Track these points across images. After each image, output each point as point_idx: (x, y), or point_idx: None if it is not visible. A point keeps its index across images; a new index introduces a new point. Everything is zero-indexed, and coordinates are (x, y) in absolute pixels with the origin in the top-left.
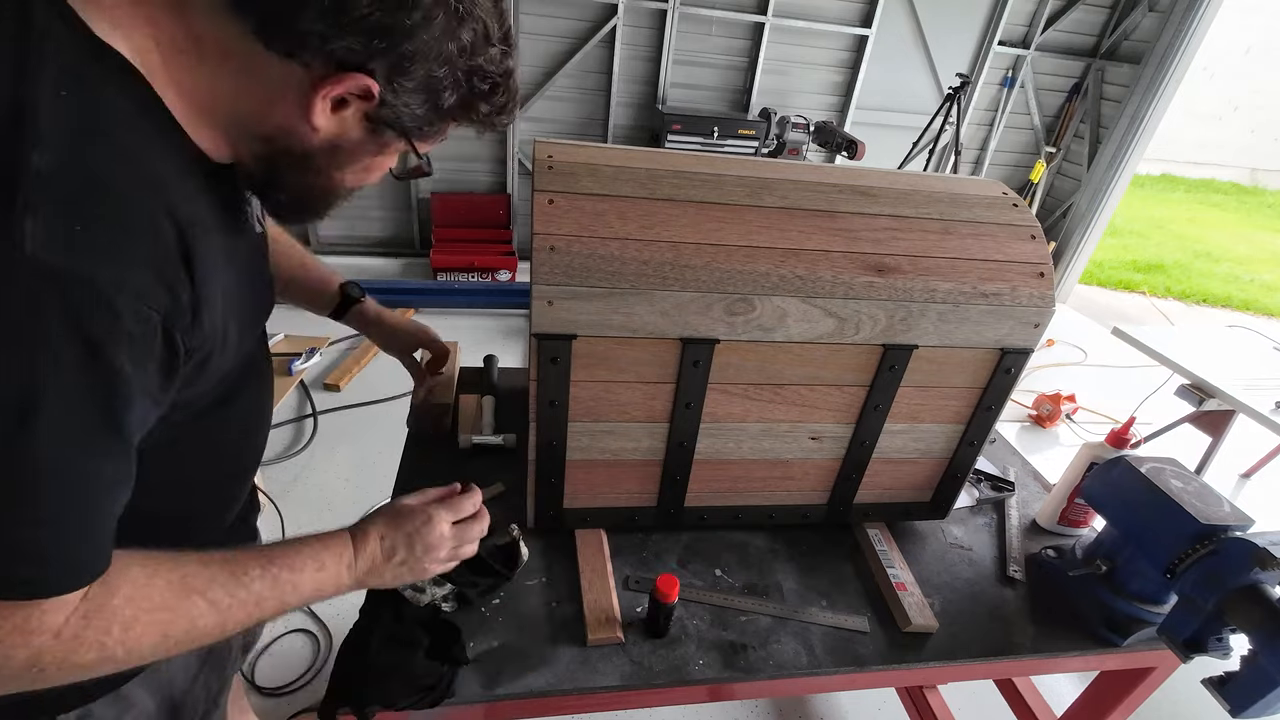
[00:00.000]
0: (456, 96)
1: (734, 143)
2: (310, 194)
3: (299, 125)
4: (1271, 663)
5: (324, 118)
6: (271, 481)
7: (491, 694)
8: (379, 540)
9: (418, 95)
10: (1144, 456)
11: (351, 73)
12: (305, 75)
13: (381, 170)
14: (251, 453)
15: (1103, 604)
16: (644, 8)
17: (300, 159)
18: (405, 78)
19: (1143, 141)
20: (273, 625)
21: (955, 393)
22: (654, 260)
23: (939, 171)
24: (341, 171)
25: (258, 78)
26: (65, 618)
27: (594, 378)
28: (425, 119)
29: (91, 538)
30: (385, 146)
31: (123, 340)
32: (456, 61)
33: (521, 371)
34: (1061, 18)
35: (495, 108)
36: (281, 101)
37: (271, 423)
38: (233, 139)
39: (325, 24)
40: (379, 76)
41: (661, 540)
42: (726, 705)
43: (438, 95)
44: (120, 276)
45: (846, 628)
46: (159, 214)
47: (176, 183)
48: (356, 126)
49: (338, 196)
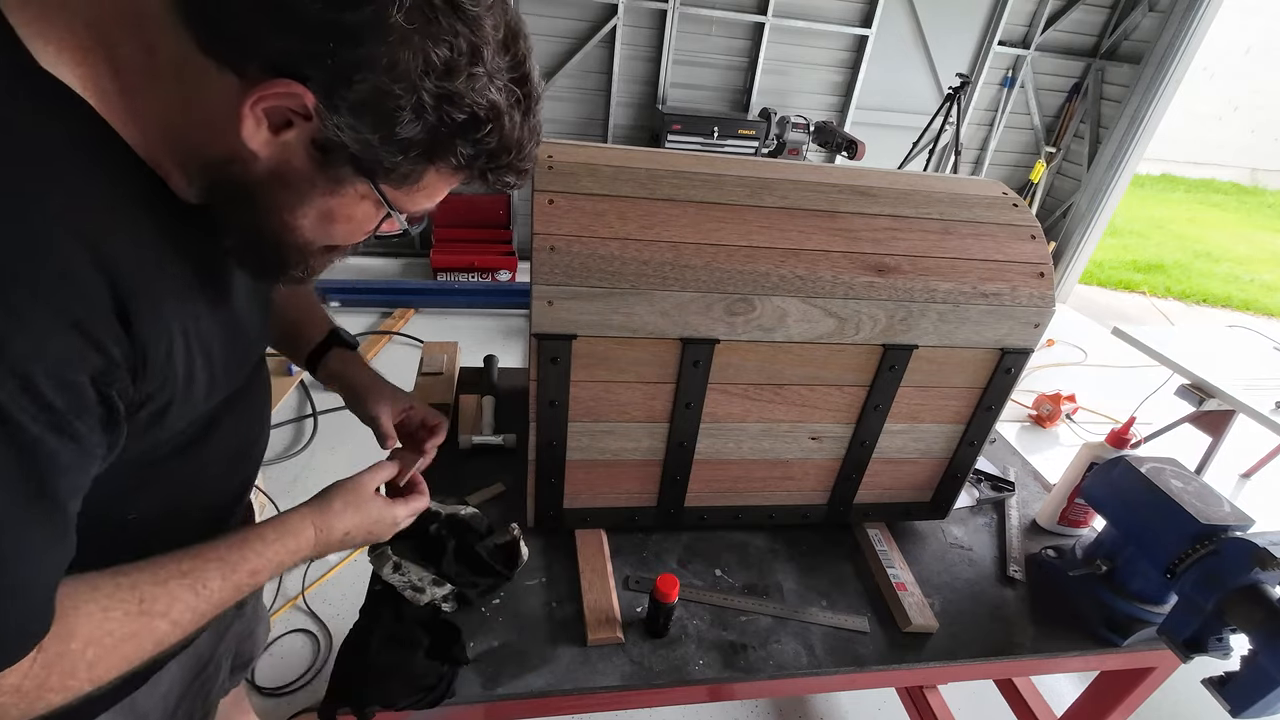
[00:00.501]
0: (421, 127)
1: (734, 143)
2: (261, 239)
3: (238, 150)
4: (1271, 663)
5: (259, 138)
6: (271, 481)
7: (491, 694)
8: (344, 535)
9: (364, 116)
10: (1144, 456)
11: (282, 79)
12: (237, 86)
13: (352, 224)
14: (240, 482)
15: (1103, 604)
16: (644, 8)
17: (241, 192)
18: (347, 89)
19: (1143, 141)
20: (272, 628)
21: (955, 393)
22: (654, 260)
23: (939, 171)
24: (294, 215)
25: (202, 95)
26: (22, 676)
27: (594, 378)
28: (382, 151)
29: (31, 605)
30: (339, 185)
31: (42, 414)
32: (420, 81)
33: (521, 371)
34: (1061, 18)
35: (484, 152)
36: (220, 122)
37: (265, 446)
38: (187, 174)
39: (259, 20)
40: (314, 85)
41: (661, 540)
42: (726, 705)
43: (392, 120)
44: (35, 346)
45: (846, 628)
46: (83, 266)
47: (121, 224)
48: (300, 154)
49: (297, 250)
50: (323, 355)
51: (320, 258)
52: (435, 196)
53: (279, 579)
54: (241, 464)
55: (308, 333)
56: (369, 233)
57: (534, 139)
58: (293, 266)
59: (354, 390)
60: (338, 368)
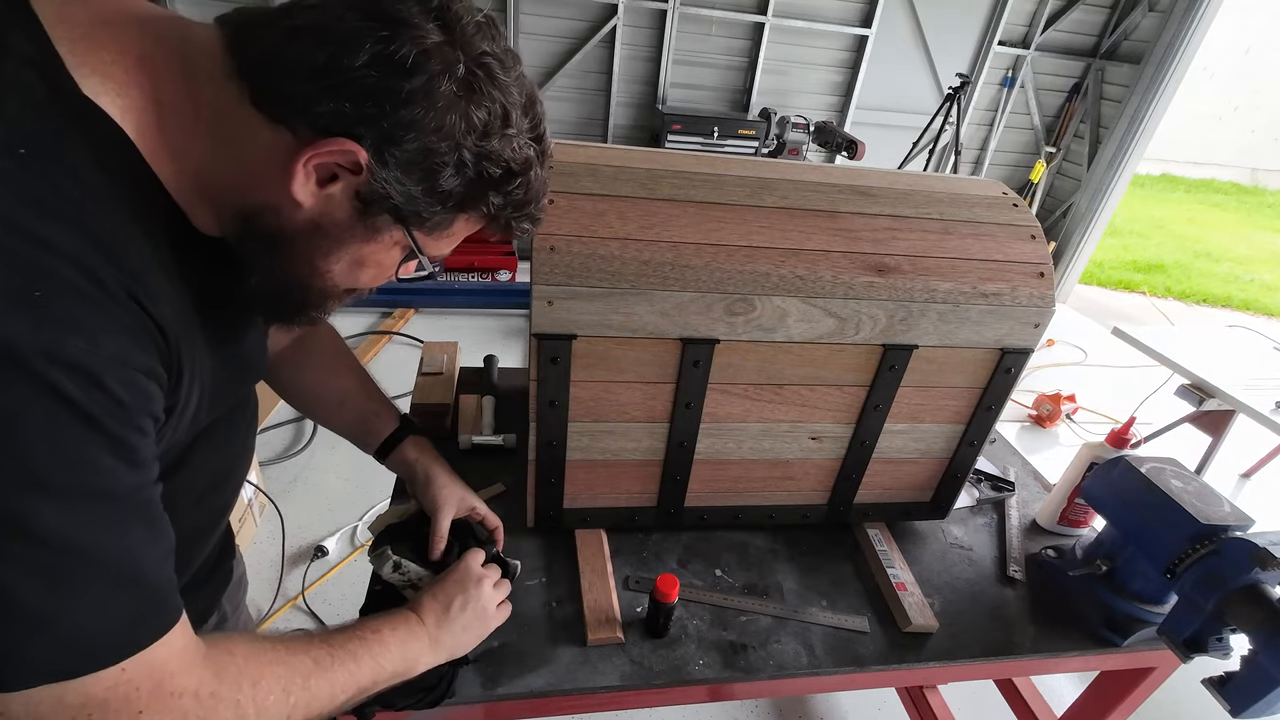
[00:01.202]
0: (461, 181)
1: (734, 143)
2: (287, 282)
3: (282, 199)
4: (1271, 663)
5: (307, 191)
6: (272, 481)
7: (491, 694)
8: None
9: (412, 171)
10: (1144, 456)
11: (337, 138)
12: (290, 142)
13: (380, 269)
14: (211, 514)
15: (1103, 604)
16: (644, 8)
17: (278, 238)
18: (397, 148)
19: (1143, 141)
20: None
21: (955, 393)
22: (654, 260)
23: (939, 171)
24: (327, 261)
25: (246, 145)
26: (198, 677)
27: (594, 378)
28: (423, 202)
29: (156, 594)
30: (377, 233)
31: (115, 409)
32: (463, 140)
33: (521, 371)
34: (1061, 18)
35: (511, 202)
36: (266, 172)
37: (240, 481)
38: (219, 215)
39: (315, 85)
40: (367, 144)
41: (661, 540)
42: (726, 705)
43: (436, 174)
44: (93, 343)
45: (846, 628)
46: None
47: (145, 254)
48: (344, 205)
49: (325, 295)
50: (396, 444)
51: (338, 301)
52: (456, 241)
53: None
54: (209, 501)
55: (377, 425)
56: (392, 276)
57: (547, 189)
58: (313, 309)
59: (427, 481)
60: (413, 456)
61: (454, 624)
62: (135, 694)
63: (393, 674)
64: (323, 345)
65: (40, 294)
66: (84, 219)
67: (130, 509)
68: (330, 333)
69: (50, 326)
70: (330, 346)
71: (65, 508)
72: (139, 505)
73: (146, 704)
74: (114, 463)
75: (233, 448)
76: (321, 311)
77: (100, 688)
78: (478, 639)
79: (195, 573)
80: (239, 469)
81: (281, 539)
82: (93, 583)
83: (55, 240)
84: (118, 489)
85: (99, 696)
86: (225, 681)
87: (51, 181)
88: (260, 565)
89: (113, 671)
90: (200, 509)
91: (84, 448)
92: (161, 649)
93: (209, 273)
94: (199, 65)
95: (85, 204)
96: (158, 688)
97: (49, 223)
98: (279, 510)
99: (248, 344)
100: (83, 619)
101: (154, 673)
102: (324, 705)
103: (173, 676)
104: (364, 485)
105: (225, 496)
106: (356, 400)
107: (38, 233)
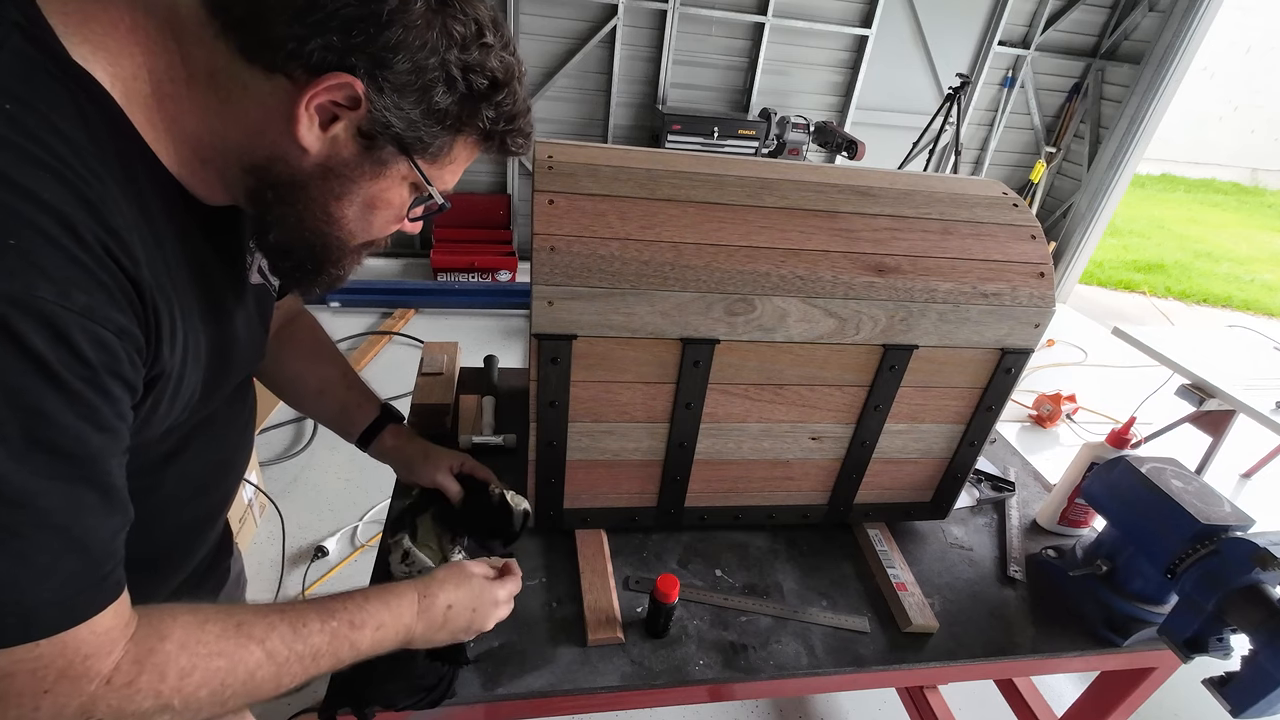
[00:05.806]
0: (454, 97)
1: (734, 143)
2: (305, 234)
3: (288, 148)
4: (1272, 663)
5: (312, 134)
6: (272, 481)
7: (491, 694)
8: (446, 609)
9: (407, 93)
10: (1144, 456)
11: (332, 73)
12: (289, 88)
13: (392, 210)
14: (210, 507)
15: (1103, 604)
16: (644, 8)
17: (291, 188)
18: (389, 70)
19: (1143, 141)
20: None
21: (955, 393)
22: (654, 260)
23: (939, 171)
24: (340, 205)
25: (245, 101)
26: (114, 662)
27: (594, 378)
28: (422, 125)
29: (97, 564)
30: (384, 168)
31: (79, 368)
32: (447, 54)
33: (521, 371)
34: (1061, 18)
35: (503, 115)
36: (269, 123)
37: (239, 475)
38: (225, 177)
39: (300, 25)
40: (361, 73)
41: (661, 540)
42: (726, 705)
43: (429, 92)
44: (62, 294)
45: (847, 628)
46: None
47: (129, 216)
48: (349, 144)
49: (338, 244)
50: (376, 433)
51: (356, 256)
52: (459, 171)
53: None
54: (208, 494)
55: (358, 414)
56: (403, 219)
57: (530, 106)
58: (332, 264)
59: (410, 462)
60: (392, 443)
61: (436, 636)
62: (44, 672)
63: (355, 661)
64: (305, 334)
65: (15, 242)
66: (66, 173)
67: (86, 471)
68: (312, 323)
69: (20, 274)
70: (312, 336)
71: (13, 457)
72: (96, 471)
73: (53, 684)
74: (73, 421)
75: (231, 439)
76: (339, 269)
77: (10, 660)
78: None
79: (194, 569)
80: (238, 462)
81: (281, 539)
82: (37, 541)
83: (34, 189)
84: (75, 449)
85: (6, 668)
86: (147, 670)
87: (35, 135)
88: (260, 565)
89: (27, 644)
90: (199, 501)
91: (43, 399)
92: (84, 629)
93: (208, 247)
94: (188, 30)
95: (69, 159)
96: (68, 668)
97: (29, 171)
98: (279, 510)
99: (250, 326)
100: (22, 578)
101: (67, 652)
102: (268, 693)
103: (86, 660)
104: (364, 485)
105: (224, 490)
106: (337, 389)
107: (17, 181)
